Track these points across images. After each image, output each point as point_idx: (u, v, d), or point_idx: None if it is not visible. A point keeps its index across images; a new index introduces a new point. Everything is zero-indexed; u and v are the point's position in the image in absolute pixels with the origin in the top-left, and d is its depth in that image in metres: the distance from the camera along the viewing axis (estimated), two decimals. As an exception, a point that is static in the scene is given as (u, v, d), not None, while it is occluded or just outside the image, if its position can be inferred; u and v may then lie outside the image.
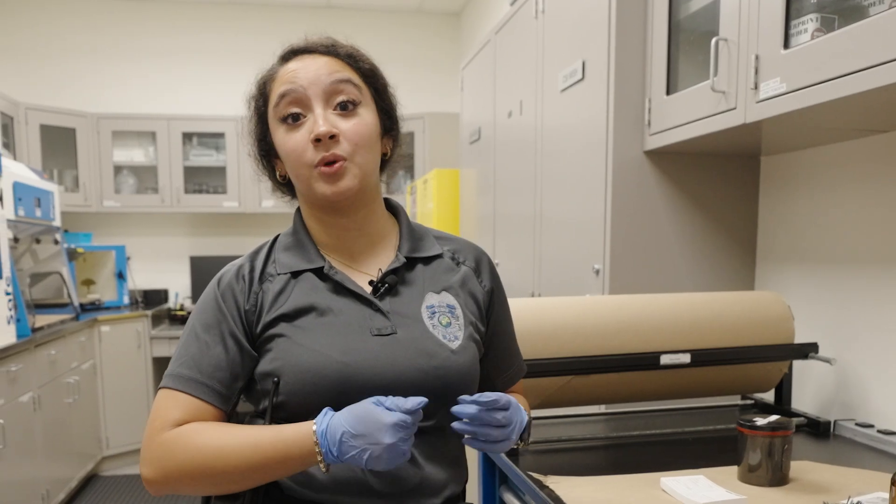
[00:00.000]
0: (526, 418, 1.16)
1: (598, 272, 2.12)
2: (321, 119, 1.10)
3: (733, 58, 1.64)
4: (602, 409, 2.00)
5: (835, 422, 1.71)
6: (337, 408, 1.07)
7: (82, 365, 4.26)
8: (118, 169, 5.40)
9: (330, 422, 1.00)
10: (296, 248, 1.20)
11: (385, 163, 1.26)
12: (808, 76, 1.41)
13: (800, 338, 1.85)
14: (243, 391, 1.17)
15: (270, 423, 1.11)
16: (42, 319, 3.89)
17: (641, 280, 2.07)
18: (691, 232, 2.10)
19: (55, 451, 3.74)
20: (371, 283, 1.19)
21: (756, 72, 1.56)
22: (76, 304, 4.41)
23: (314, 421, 1.02)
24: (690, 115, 1.81)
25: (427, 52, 5.93)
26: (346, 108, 1.13)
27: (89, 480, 4.47)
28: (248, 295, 1.15)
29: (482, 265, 1.29)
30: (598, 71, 2.12)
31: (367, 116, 1.16)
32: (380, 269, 1.20)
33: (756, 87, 1.56)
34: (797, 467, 1.40)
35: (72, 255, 4.59)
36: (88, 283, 5.16)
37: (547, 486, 1.34)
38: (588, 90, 2.20)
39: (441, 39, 5.97)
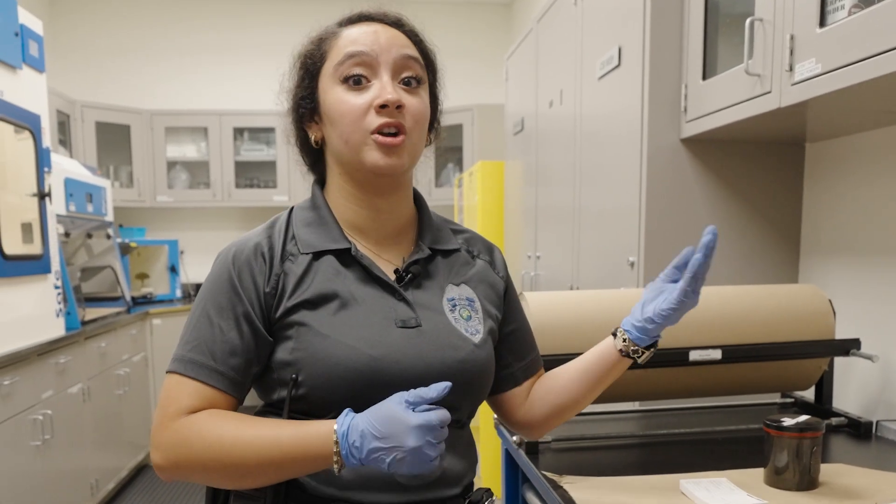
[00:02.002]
0: None
1: (632, 265, 2.05)
2: (390, 86, 1.07)
3: (768, 39, 1.56)
4: (636, 405, 1.93)
5: (877, 422, 1.62)
6: (361, 401, 1.02)
7: (133, 357, 4.34)
8: (171, 164, 5.51)
9: (351, 423, 0.96)
10: (317, 225, 1.14)
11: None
12: (845, 55, 1.33)
13: (847, 334, 1.75)
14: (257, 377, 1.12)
15: (288, 416, 1.07)
16: (94, 312, 3.97)
17: (677, 273, 1.99)
18: (730, 223, 2.01)
19: (105, 442, 3.82)
20: (396, 271, 1.14)
21: (791, 53, 1.48)
22: (128, 297, 4.50)
23: (336, 420, 0.98)
24: (726, 100, 1.74)
25: (477, 43, 5.88)
26: (411, 85, 1.11)
27: (140, 471, 4.56)
28: (268, 277, 1.08)
29: (495, 256, 1.27)
30: (634, 56, 2.05)
31: (426, 98, 1.14)
32: (403, 258, 1.16)
33: (791, 69, 1.48)
34: (830, 470, 1.32)
35: (125, 249, 4.69)
36: (142, 276, 5.27)
37: (561, 487, 1.29)
38: (624, 77, 2.14)
39: (491, 30, 5.91)
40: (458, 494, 1.14)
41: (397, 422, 0.92)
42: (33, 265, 3.00)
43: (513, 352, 1.25)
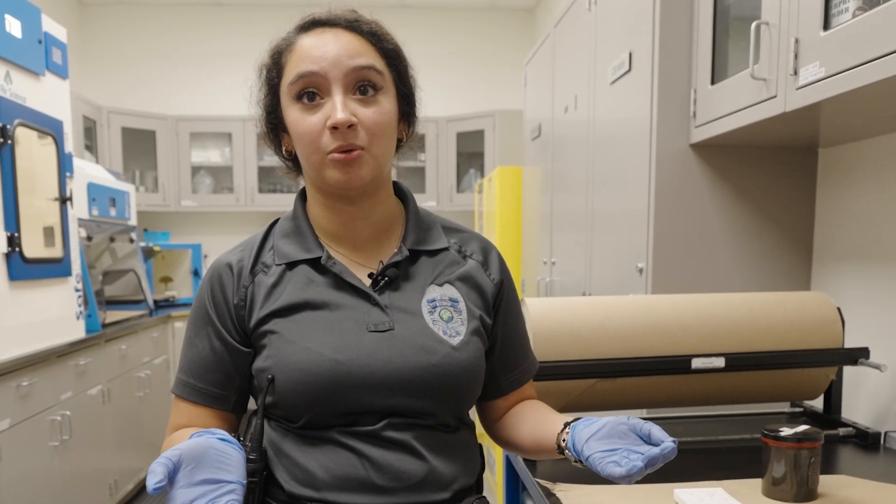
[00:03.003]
0: None
1: (641, 271, 2.03)
2: (340, 106, 1.04)
3: (774, 42, 1.53)
4: (644, 413, 1.91)
5: (886, 433, 1.58)
6: (328, 406, 1.05)
7: (154, 360, 4.39)
8: (195, 169, 5.57)
9: None
10: (294, 236, 1.16)
11: (398, 147, 1.20)
12: (848, 59, 1.30)
13: (859, 342, 1.72)
14: (247, 387, 1.16)
15: (263, 420, 1.10)
16: (116, 315, 4.02)
17: (686, 280, 1.97)
18: (741, 230, 1.98)
19: (125, 443, 3.86)
20: (371, 275, 1.14)
21: (795, 56, 1.45)
22: (150, 300, 4.55)
23: None
24: (733, 104, 1.71)
25: (500, 49, 5.88)
26: (366, 93, 1.07)
27: (161, 472, 4.59)
28: (236, 288, 1.12)
29: (490, 257, 1.23)
30: (644, 61, 2.03)
31: (386, 104, 1.09)
32: (381, 261, 1.15)
33: (795, 73, 1.46)
34: (831, 482, 1.30)
35: (148, 253, 4.75)
36: (166, 280, 5.33)
37: (554, 494, 1.28)
38: (634, 82, 2.12)
39: (514, 36, 5.91)
40: (448, 499, 1.12)
41: None
42: (54, 268, 3.04)
43: (500, 361, 1.23)
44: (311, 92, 1.07)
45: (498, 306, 1.22)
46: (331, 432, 1.07)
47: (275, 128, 1.17)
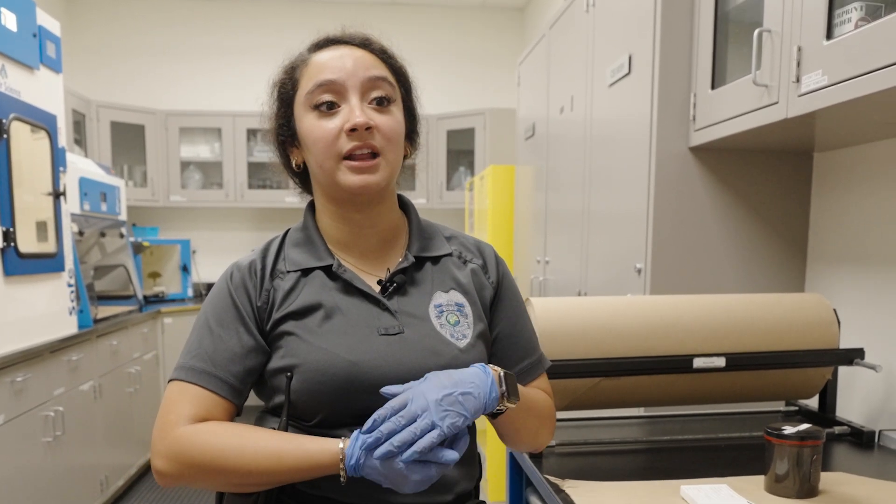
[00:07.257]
0: (490, 376, 1.03)
1: (639, 272, 2.07)
2: (358, 110, 1.10)
3: (776, 50, 1.57)
4: (641, 411, 1.95)
5: (880, 432, 1.63)
6: (342, 406, 1.07)
7: (145, 356, 4.38)
8: (185, 164, 5.55)
9: (361, 464, 0.99)
10: (305, 245, 1.20)
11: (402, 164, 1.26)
12: (851, 68, 1.34)
13: (853, 343, 1.76)
14: (254, 387, 1.18)
15: (287, 418, 1.11)
16: (106, 311, 4.01)
17: (684, 281, 2.01)
18: (738, 232, 2.02)
19: (115, 439, 3.86)
20: (379, 282, 1.18)
21: (798, 64, 1.49)
22: (140, 296, 4.53)
23: (340, 447, 1.00)
24: (733, 110, 1.75)
25: (490, 47, 5.91)
26: (382, 104, 1.13)
27: (149, 468, 4.56)
28: (259, 291, 1.15)
29: (488, 261, 1.27)
30: (644, 65, 2.07)
31: (398, 115, 1.16)
32: (388, 269, 1.19)
33: (798, 81, 1.49)
34: (831, 479, 1.34)
35: (138, 248, 4.73)
36: (155, 275, 5.31)
37: (563, 491, 1.31)
38: (634, 85, 2.15)
39: (505, 35, 5.93)
40: (451, 501, 1.15)
41: (399, 475, 0.96)
42: (47, 263, 3.03)
43: (496, 361, 1.23)
44: (330, 101, 1.12)
45: (494, 307, 1.24)
46: (342, 431, 1.08)
47: (284, 142, 1.21)
